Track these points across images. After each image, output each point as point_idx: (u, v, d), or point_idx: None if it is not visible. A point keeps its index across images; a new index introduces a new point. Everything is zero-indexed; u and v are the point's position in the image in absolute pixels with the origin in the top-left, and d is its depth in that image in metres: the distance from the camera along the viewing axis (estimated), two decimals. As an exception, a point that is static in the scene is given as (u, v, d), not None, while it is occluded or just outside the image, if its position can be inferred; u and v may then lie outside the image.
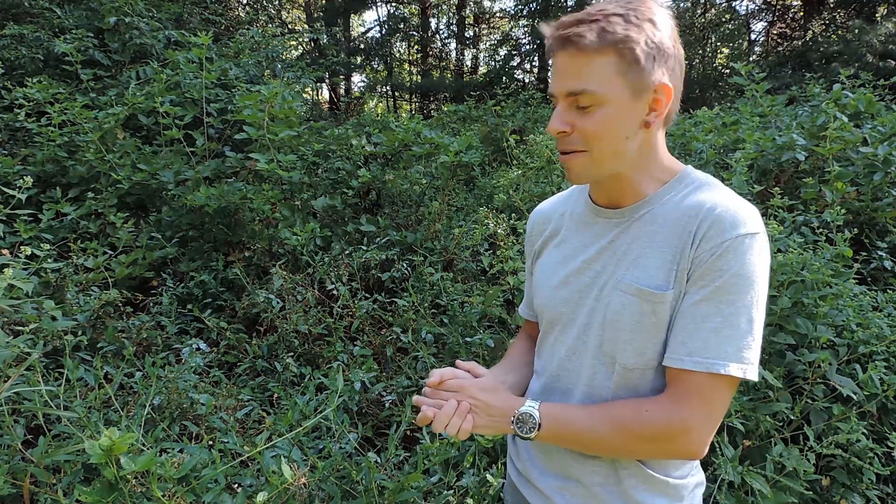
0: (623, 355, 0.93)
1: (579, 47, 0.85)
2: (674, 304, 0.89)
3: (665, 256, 0.90)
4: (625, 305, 0.92)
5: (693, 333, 0.86)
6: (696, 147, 3.66)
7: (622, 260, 0.95)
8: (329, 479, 1.58)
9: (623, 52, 0.85)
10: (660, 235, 0.92)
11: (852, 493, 1.82)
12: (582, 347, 0.99)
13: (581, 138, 0.89)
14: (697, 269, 0.86)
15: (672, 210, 0.92)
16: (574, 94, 0.87)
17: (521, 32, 15.47)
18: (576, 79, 0.87)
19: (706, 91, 11.68)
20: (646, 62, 0.86)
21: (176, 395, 2.06)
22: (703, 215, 0.87)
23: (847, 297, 2.05)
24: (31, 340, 2.02)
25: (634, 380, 0.93)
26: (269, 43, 6.27)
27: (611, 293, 0.94)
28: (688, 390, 0.86)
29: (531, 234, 1.17)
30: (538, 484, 1.05)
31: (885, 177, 2.89)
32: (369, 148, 4.21)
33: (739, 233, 0.84)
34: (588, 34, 0.84)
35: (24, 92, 4.00)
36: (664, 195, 0.95)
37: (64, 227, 3.42)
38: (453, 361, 2.53)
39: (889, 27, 9.33)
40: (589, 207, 1.03)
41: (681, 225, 0.90)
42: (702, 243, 0.86)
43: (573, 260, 1.02)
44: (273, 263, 3.26)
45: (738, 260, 0.84)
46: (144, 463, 1.11)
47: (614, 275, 0.95)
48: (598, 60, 0.85)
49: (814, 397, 1.91)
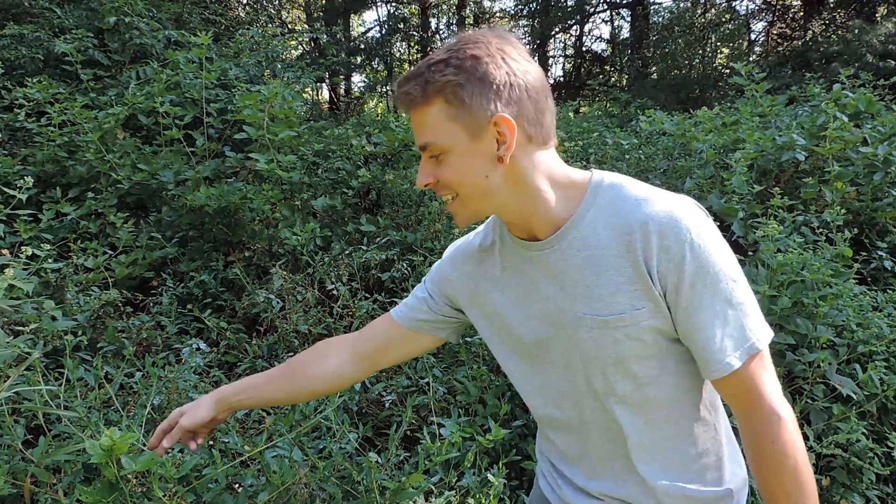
0: (616, 386, 0.92)
1: (411, 105, 0.88)
2: (653, 322, 0.88)
3: (616, 279, 0.88)
4: (595, 340, 0.91)
5: (720, 336, 0.86)
6: (696, 147, 3.66)
7: (574, 295, 0.92)
8: (330, 480, 1.58)
9: (448, 98, 0.85)
10: (602, 259, 0.89)
11: (852, 493, 1.82)
12: (572, 390, 0.98)
13: (445, 186, 0.91)
14: (670, 284, 0.86)
15: (601, 229, 0.89)
16: (423, 147, 0.89)
17: (521, 32, 15.47)
18: (420, 133, 0.89)
19: (706, 91, 11.68)
20: (472, 101, 0.84)
21: (176, 395, 2.06)
22: (641, 231, 0.85)
23: (847, 297, 2.05)
24: (31, 340, 2.01)
25: (636, 402, 0.93)
26: (269, 43, 6.26)
27: (577, 331, 0.92)
28: (748, 384, 0.88)
29: (451, 271, 1.09)
30: (569, 500, 1.06)
31: (885, 177, 2.89)
32: (369, 148, 4.21)
33: (687, 234, 0.84)
34: (414, 90, 0.86)
35: (24, 92, 4.00)
36: (583, 215, 0.91)
37: (64, 227, 3.42)
38: (454, 361, 2.54)
39: (889, 27, 9.34)
40: (517, 243, 0.99)
41: (622, 244, 0.87)
42: (659, 259, 0.85)
43: (527, 302, 0.99)
44: (273, 263, 3.26)
45: (703, 255, 0.84)
46: (145, 463, 1.11)
47: (573, 311, 0.92)
48: (429, 111, 0.86)
49: (814, 397, 1.91)
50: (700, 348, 0.88)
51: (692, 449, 0.96)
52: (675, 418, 0.95)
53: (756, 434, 0.88)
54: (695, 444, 0.96)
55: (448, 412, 2.24)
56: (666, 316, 0.88)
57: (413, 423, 2.21)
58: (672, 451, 0.96)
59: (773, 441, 0.86)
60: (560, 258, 0.92)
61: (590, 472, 1.02)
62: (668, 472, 0.96)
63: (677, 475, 0.96)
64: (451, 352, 2.54)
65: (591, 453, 1.01)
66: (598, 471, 1.01)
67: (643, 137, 4.79)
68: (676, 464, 0.96)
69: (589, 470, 1.02)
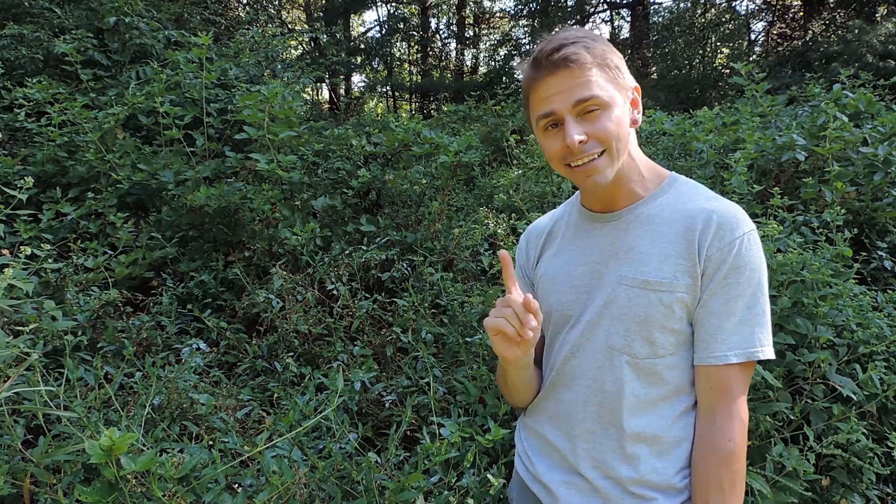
0: (633, 346, 0.97)
1: (579, 63, 0.95)
2: (685, 297, 0.95)
3: (667, 251, 0.97)
4: (631, 298, 0.98)
5: (730, 330, 0.93)
6: (697, 147, 3.66)
7: (624, 258, 1.01)
8: (329, 480, 1.58)
9: (606, 63, 0.98)
10: (659, 233, 0.99)
11: (852, 493, 1.82)
12: (586, 343, 1.03)
13: (597, 142, 0.96)
14: (710, 267, 0.94)
15: (668, 210, 1.00)
16: (583, 101, 0.95)
17: (521, 32, 15.48)
18: (583, 89, 0.95)
19: (706, 91, 11.67)
20: (622, 69, 1.00)
21: (176, 395, 2.06)
22: (704, 218, 0.96)
23: (847, 297, 2.05)
24: (31, 340, 2.01)
25: (645, 369, 0.97)
26: (269, 43, 6.27)
27: (616, 289, 1.00)
28: (730, 384, 0.94)
29: (527, 247, 1.22)
30: (544, 479, 1.08)
31: (885, 177, 2.89)
32: (369, 148, 4.21)
33: (743, 231, 0.94)
34: (578, 51, 0.95)
35: (24, 92, 4.00)
36: (657, 197, 1.03)
37: (64, 227, 3.42)
38: (454, 361, 2.54)
39: (889, 27, 9.34)
40: (584, 215, 1.11)
41: (683, 225, 0.97)
42: (711, 243, 0.94)
43: (576, 264, 1.08)
44: (273, 263, 3.26)
45: (748, 255, 0.93)
46: (145, 463, 1.11)
47: (618, 272, 1.01)
48: (592, 71, 0.96)
49: (814, 397, 1.91)
50: (707, 332, 0.95)
51: (672, 434, 0.99)
52: (670, 401, 0.99)
53: (716, 429, 0.95)
54: (677, 430, 1.00)
55: (448, 412, 2.23)
56: (696, 296, 0.95)
57: (413, 423, 2.21)
58: (656, 427, 0.99)
59: (731, 440, 0.94)
60: (623, 229, 1.03)
61: (567, 436, 1.05)
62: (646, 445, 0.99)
63: (652, 450, 0.99)
64: (451, 352, 2.54)
65: (577, 413, 1.04)
66: (575, 434, 1.04)
67: (643, 137, 4.78)
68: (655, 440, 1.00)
69: (567, 434, 1.05)
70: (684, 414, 1.00)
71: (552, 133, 0.99)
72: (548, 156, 1.02)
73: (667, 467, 0.98)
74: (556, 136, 0.99)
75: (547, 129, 1.00)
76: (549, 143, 1.00)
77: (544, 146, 1.02)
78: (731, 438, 0.93)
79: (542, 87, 0.97)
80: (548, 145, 1.00)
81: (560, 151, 0.98)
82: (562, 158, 0.99)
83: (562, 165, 1.00)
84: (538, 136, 1.03)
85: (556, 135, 0.99)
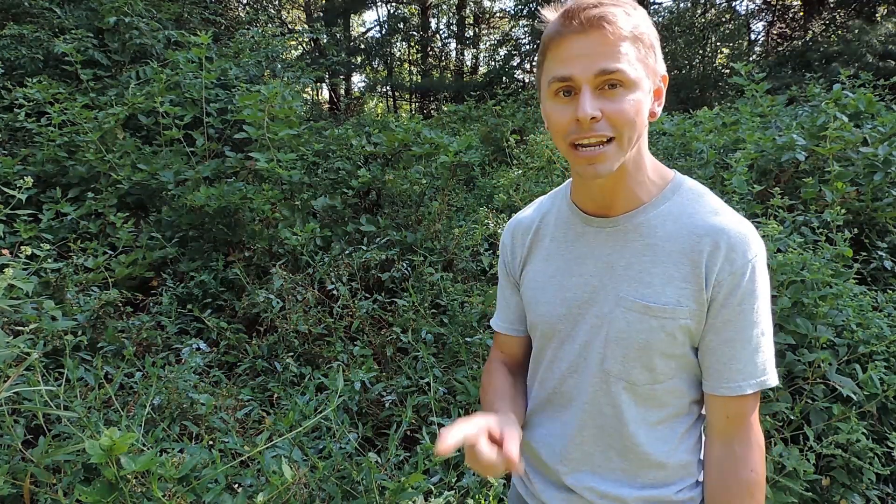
0: (631, 373, 0.92)
1: (614, 28, 0.81)
2: (689, 323, 0.88)
3: (670, 273, 0.89)
4: (630, 323, 0.90)
5: (746, 359, 0.88)
6: (697, 147, 3.66)
7: (622, 276, 0.92)
8: (329, 480, 1.58)
9: (641, 39, 0.84)
10: (661, 250, 0.90)
11: (852, 493, 1.82)
12: (583, 364, 0.97)
13: (609, 124, 0.83)
14: (722, 293, 0.86)
15: (671, 223, 0.90)
16: (608, 73, 0.81)
17: (521, 32, 15.46)
18: (611, 59, 0.81)
19: (706, 91, 11.68)
20: (657, 53, 0.87)
21: (176, 395, 2.06)
22: (713, 239, 0.87)
23: (847, 297, 2.05)
24: (31, 340, 2.01)
25: (643, 395, 0.93)
26: (269, 43, 6.26)
27: (612, 310, 0.92)
28: (746, 411, 0.90)
29: (512, 243, 1.10)
30: (543, 496, 1.05)
31: (885, 177, 2.89)
32: (369, 148, 4.21)
33: (755, 253, 0.87)
34: (620, 16, 0.82)
35: (24, 92, 4.00)
36: (658, 205, 0.92)
37: (64, 227, 3.42)
38: (454, 361, 2.54)
39: (889, 27, 9.34)
40: (576, 215, 0.99)
41: (688, 243, 0.88)
42: (722, 268, 0.86)
43: (568, 275, 0.98)
44: (273, 263, 3.26)
45: (761, 278, 0.87)
46: (145, 463, 1.11)
47: (615, 291, 0.92)
48: (624, 42, 0.82)
49: (814, 397, 1.91)
50: (720, 362, 0.89)
51: (676, 458, 0.96)
52: (671, 423, 0.96)
53: (736, 459, 0.90)
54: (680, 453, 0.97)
55: (448, 412, 2.23)
56: (701, 322, 0.89)
57: (413, 423, 2.21)
58: (659, 452, 0.96)
59: (752, 469, 0.89)
60: (620, 238, 0.93)
61: (563, 459, 1.01)
62: (649, 469, 0.96)
63: (657, 474, 0.96)
64: (451, 352, 2.54)
65: (574, 435, 0.99)
66: (573, 457, 1.00)
67: (643, 137, 4.79)
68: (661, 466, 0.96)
69: (563, 457, 1.01)
70: (686, 435, 0.97)
71: (562, 101, 0.85)
72: (551, 126, 0.89)
73: (670, 488, 0.96)
74: (567, 105, 0.85)
75: (557, 94, 0.86)
76: (556, 111, 0.86)
77: (550, 114, 0.88)
78: (753, 469, 0.89)
79: (565, 44, 0.83)
80: (554, 114, 0.87)
81: (567, 125, 0.85)
82: (567, 134, 0.85)
83: (565, 142, 0.87)
84: (545, 99, 0.89)
85: (566, 104, 0.85)
